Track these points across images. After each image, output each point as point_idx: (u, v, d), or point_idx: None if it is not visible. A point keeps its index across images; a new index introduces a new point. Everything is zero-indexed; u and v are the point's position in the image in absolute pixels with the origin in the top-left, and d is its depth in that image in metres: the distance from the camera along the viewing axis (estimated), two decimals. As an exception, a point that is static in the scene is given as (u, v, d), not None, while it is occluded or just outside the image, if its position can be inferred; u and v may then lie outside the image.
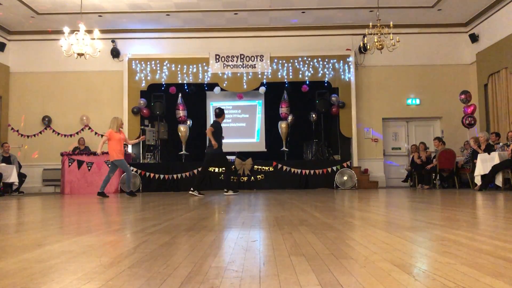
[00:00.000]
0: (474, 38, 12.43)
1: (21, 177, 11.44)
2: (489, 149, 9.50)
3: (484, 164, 9.24)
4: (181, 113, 12.56)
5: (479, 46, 12.33)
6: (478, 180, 9.42)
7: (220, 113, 9.07)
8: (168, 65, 12.48)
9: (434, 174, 11.05)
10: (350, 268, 1.73)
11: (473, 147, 10.13)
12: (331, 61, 12.51)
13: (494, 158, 9.03)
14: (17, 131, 12.80)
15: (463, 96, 11.62)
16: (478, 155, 9.56)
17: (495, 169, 8.94)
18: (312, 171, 11.49)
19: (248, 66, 12.49)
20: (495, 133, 10.32)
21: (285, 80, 12.51)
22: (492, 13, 11.66)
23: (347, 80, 12.53)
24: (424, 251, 2.16)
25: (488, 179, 9.12)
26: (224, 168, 9.30)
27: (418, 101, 12.94)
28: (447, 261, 1.83)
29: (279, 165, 11.57)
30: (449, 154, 10.91)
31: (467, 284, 1.45)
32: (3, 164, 10.77)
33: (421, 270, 1.70)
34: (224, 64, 12.49)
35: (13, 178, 10.81)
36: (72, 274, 1.70)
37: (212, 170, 11.47)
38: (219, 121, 9.02)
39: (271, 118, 13.24)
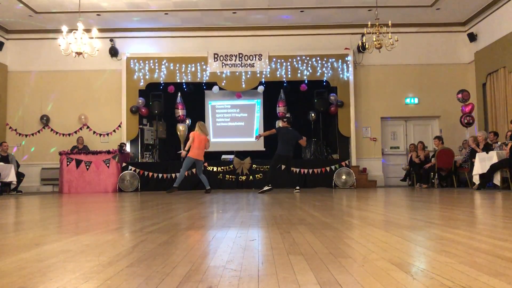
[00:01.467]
0: (472, 37, 12.44)
1: (19, 176, 11.41)
2: (487, 148, 9.51)
3: (482, 163, 9.25)
4: (180, 112, 12.56)
5: (478, 45, 12.34)
6: (476, 179, 9.42)
7: (288, 120, 9.74)
8: (166, 64, 12.47)
9: (432, 173, 11.06)
10: (348, 267, 1.73)
11: (471, 146, 10.14)
12: (330, 60, 12.52)
13: (493, 157, 9.04)
14: (15, 130, 12.78)
15: (460, 96, 11.64)
16: (477, 154, 9.57)
17: (494, 168, 8.95)
18: (310, 170, 11.48)
19: (246, 65, 12.49)
20: (493, 132, 10.33)
21: (284, 79, 12.51)
22: (491, 12, 11.67)
23: (346, 79, 12.53)
24: (423, 250, 2.16)
25: (486, 178, 9.13)
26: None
27: (416, 100, 12.95)
28: (445, 260, 1.83)
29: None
30: (448, 153, 10.93)
31: (465, 283, 1.45)
32: (1, 164, 10.73)
33: (419, 269, 1.70)
34: (222, 63, 12.49)
35: (11, 177, 10.78)
36: (71, 273, 1.70)
37: (211, 169, 11.48)
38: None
39: (269, 117, 13.23)
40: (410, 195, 7.67)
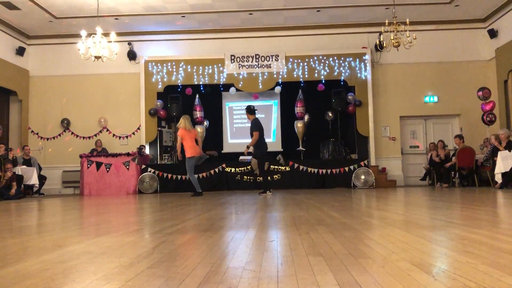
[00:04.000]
0: (493, 33, 12.22)
1: (41, 179, 11.63)
2: (510, 146, 9.33)
3: (504, 161, 9.08)
4: (198, 114, 12.63)
5: (499, 41, 12.11)
6: (498, 178, 9.26)
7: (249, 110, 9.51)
8: (184, 66, 12.56)
9: (453, 172, 10.89)
10: (368, 268, 1.72)
11: (493, 144, 9.97)
12: (347, 59, 12.44)
13: (515, 155, 8.87)
14: (37, 133, 13.02)
15: (480, 93, 11.44)
16: (499, 152, 9.40)
17: (516, 167, 8.78)
18: (329, 171, 11.43)
19: (263, 66, 12.49)
20: (515, 130, 10.14)
21: (301, 80, 12.47)
22: (512, 8, 11.44)
23: (364, 78, 12.44)
24: (444, 250, 2.13)
25: (509, 176, 8.96)
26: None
27: (436, 99, 12.77)
28: (467, 261, 1.80)
29: (296, 165, 11.54)
30: (469, 152, 10.75)
31: (488, 284, 1.43)
32: (24, 167, 10.97)
33: (441, 270, 1.68)
34: (239, 64, 12.52)
35: (34, 180, 11.01)
36: (92, 275, 1.72)
37: (229, 171, 11.51)
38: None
39: (287, 118, 13.19)
40: (431, 194, 7.57)
